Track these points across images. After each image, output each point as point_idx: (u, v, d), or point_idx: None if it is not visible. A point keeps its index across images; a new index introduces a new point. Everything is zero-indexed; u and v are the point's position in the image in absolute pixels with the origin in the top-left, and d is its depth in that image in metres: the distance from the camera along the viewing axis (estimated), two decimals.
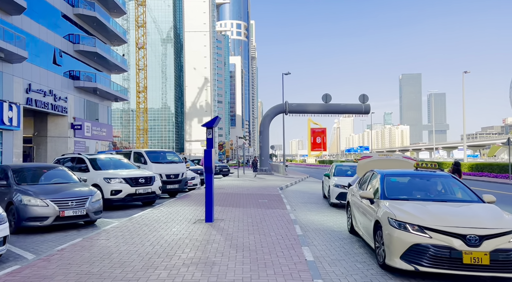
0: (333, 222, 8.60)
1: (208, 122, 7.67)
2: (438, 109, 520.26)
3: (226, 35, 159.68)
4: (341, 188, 10.96)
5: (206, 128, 7.77)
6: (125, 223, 7.67)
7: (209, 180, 7.79)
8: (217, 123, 7.79)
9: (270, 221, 8.00)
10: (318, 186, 19.87)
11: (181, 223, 7.69)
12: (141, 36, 76.92)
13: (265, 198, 12.57)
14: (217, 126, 78.19)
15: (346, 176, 12.05)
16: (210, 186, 7.77)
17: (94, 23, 34.65)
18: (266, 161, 31.30)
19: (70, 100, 31.37)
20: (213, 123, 7.64)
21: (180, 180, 13.49)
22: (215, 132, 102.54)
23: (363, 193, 5.78)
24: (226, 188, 16.42)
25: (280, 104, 31.36)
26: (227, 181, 21.92)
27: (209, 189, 7.74)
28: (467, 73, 40.90)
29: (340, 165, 12.93)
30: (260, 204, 10.82)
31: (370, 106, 30.98)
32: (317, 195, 14.75)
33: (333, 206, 11.37)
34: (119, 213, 9.87)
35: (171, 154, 14.53)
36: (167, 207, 10.07)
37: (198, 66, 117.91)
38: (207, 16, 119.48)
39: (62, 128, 31.11)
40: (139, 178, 10.53)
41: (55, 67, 29.28)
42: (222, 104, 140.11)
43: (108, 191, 9.95)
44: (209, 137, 7.82)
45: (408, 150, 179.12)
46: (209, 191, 7.74)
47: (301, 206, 11.33)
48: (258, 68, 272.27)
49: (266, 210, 9.59)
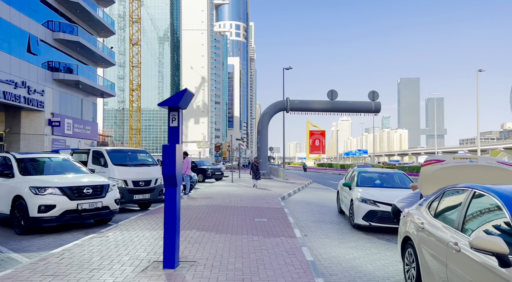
0: (372, 262, 5.48)
1: (170, 99, 4.52)
2: (436, 113, 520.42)
3: (224, 35, 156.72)
4: (370, 205, 7.83)
5: (169, 109, 4.63)
6: (23, 271, 4.50)
7: (172, 198, 4.61)
8: (186, 101, 4.65)
9: (272, 265, 4.85)
10: (326, 194, 16.72)
11: (121, 270, 4.53)
12: (135, 32, 73.88)
13: (264, 213, 9.42)
14: (214, 126, 75.03)
15: (374, 187, 8.92)
16: (172, 209, 4.59)
17: (77, 10, 31.49)
18: (265, 163, 28.12)
19: (48, 94, 28.16)
20: (178, 100, 4.48)
21: (153, 188, 10.31)
22: (212, 133, 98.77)
23: (480, 243, 2.63)
24: (215, 197, 13.24)
25: (281, 101, 28.20)
26: (219, 186, 18.74)
27: (170, 216, 4.58)
28: (481, 71, 38.07)
29: (365, 171, 9.72)
30: (256, 226, 7.66)
31: (380, 104, 27.91)
32: (330, 208, 11.61)
33: (357, 228, 8.25)
34: (48, 240, 6.67)
35: (143, 153, 11.28)
36: (121, 231, 6.89)
37: (195, 65, 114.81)
38: (205, 14, 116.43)
39: (38, 125, 27.90)
40: (84, 187, 7.34)
41: (30, 56, 26.07)
42: (219, 105, 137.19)
43: (34, 206, 6.76)
44: (174, 126, 4.67)
45: (407, 153, 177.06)
46: (170, 219, 4.57)
47: (314, 228, 8.18)
48: (256, 70, 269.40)
49: (266, 239, 6.42)
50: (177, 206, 4.61)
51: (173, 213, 4.57)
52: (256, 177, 19.39)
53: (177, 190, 4.65)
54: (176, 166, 4.55)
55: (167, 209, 4.58)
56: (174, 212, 4.57)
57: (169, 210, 4.58)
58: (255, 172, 19.47)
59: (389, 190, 8.66)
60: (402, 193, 8.57)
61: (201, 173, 25.03)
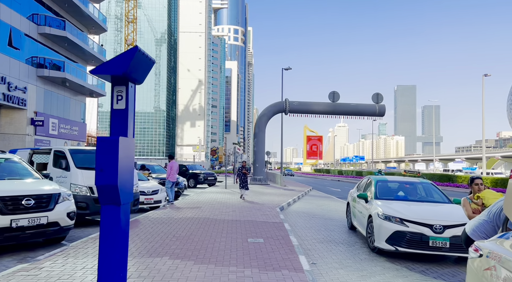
0: None
1: (111, 62, 2.79)
2: (432, 121, 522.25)
3: (222, 38, 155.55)
4: (396, 223, 6.09)
5: (112, 82, 2.92)
6: None
7: (111, 226, 2.83)
8: (139, 68, 2.91)
9: None
10: (329, 203, 14.97)
11: None
12: (131, 32, 72.35)
13: (260, 230, 7.67)
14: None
15: (397, 200, 7.17)
16: (112, 246, 2.82)
17: (65, 4, 29.80)
18: (261, 168, 26.34)
19: (31, 92, 26.36)
20: (126, 63, 2.74)
21: None
22: (208, 136, 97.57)
23: None
24: (203, 207, 11.45)
25: (279, 102, 26.48)
26: (211, 193, 16.94)
27: (108, 257, 2.80)
28: (487, 76, 36.69)
29: (384, 180, 7.93)
30: (250, 251, 5.89)
31: (385, 107, 26.26)
32: (337, 222, 9.87)
33: (377, 252, 6.51)
34: None
35: None
36: (66, 258, 5.08)
37: (192, 68, 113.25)
38: (203, 17, 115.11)
39: (19, 124, 26.07)
40: (22, 197, 5.54)
41: (12, 50, 24.30)
42: (216, 108, 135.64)
43: None
44: (119, 109, 2.94)
45: (404, 160, 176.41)
46: (107, 262, 2.80)
47: (323, 252, 6.42)
48: (254, 75, 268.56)
49: (262, 274, 4.64)
50: (121, 239, 2.85)
51: (113, 252, 2.80)
52: (243, 186, 14.38)
53: (121, 210, 2.90)
54: (118, 172, 2.80)
55: (103, 247, 2.80)
56: (115, 251, 2.80)
57: (107, 248, 2.80)
58: (243, 179, 14.51)
59: (417, 204, 6.93)
60: (434, 208, 6.84)
61: (193, 178, 23.22)
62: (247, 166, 15.68)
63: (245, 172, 14.88)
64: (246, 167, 15.42)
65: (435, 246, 5.80)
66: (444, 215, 6.23)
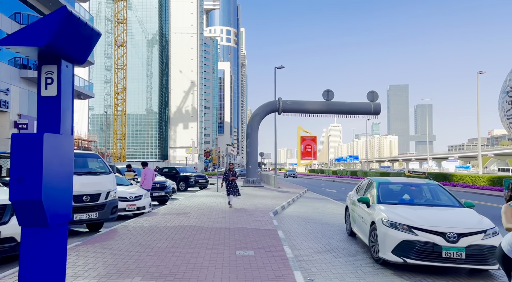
0: None
1: (27, 28, 2.02)
2: (425, 120, 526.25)
3: (215, 39, 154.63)
4: (403, 231, 5.37)
5: (39, 59, 2.15)
6: None
7: (37, 256, 2.06)
8: (72, 38, 2.15)
9: None
10: (325, 206, 14.25)
11: None
12: (121, 33, 71.22)
13: (250, 240, 6.90)
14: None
15: (403, 204, 6.45)
16: (34, 274, 2.05)
17: (50, 3, 28.86)
18: (255, 170, 25.56)
19: (14, 93, 25.39)
20: (50, 31, 1.98)
21: (102, 205, 7.69)
22: (201, 138, 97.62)
23: None
24: (191, 213, 10.65)
25: (273, 101, 25.75)
26: (201, 197, 16.12)
27: None
28: (482, 73, 36.40)
29: (387, 182, 7.19)
30: (238, 268, 5.12)
31: (380, 105, 25.69)
32: (335, 228, 9.14)
33: (382, 263, 5.79)
34: None
35: (91, 158, 8.61)
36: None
37: (184, 69, 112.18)
38: (195, 17, 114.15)
39: (2, 128, 25.09)
40: None
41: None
42: (209, 110, 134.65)
43: None
44: (48, 96, 2.16)
45: (398, 160, 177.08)
46: None
47: (322, 265, 5.67)
48: (247, 76, 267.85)
49: None
50: (52, 276, 2.07)
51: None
52: (232, 191, 12.20)
53: (51, 234, 2.12)
54: (43, 182, 2.03)
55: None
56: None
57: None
58: (230, 184, 12.27)
59: (425, 208, 6.21)
60: (444, 213, 6.06)
61: (184, 181, 22.37)
62: (234, 170, 12.68)
63: (232, 178, 12.30)
64: (234, 170, 12.55)
65: (448, 257, 5.08)
66: (457, 221, 5.51)
